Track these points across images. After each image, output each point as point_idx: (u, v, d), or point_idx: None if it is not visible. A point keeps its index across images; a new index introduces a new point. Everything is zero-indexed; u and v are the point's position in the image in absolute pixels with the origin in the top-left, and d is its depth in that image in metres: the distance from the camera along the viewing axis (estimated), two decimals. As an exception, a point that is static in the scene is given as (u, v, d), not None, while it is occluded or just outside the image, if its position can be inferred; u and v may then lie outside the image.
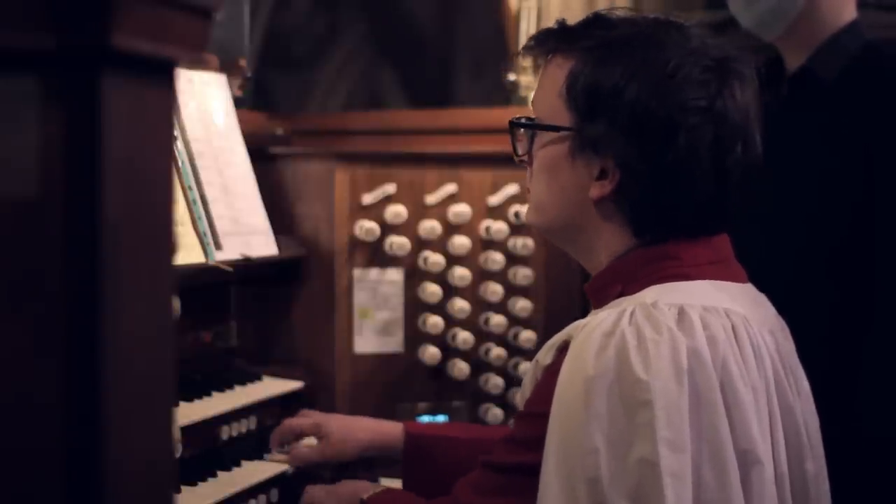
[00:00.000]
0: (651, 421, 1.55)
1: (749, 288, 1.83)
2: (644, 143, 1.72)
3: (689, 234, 1.77)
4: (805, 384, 1.85)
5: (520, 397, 1.84)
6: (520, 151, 1.88)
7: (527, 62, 1.92)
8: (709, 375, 1.60)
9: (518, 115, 1.90)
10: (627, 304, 1.66)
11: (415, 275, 2.85)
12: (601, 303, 1.78)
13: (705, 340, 1.62)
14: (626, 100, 1.71)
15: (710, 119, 1.72)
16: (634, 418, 1.56)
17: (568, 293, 2.99)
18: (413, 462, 2.21)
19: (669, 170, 1.72)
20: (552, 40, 1.84)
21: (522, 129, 1.88)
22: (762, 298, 1.87)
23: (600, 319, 1.64)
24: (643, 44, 1.74)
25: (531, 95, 1.92)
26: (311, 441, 2.36)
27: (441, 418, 2.86)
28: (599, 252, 1.81)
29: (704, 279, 1.73)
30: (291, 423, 2.36)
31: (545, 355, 1.74)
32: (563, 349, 1.68)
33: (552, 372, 1.68)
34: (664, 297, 1.66)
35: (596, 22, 1.81)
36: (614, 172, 1.74)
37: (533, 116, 1.87)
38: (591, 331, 1.63)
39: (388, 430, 2.26)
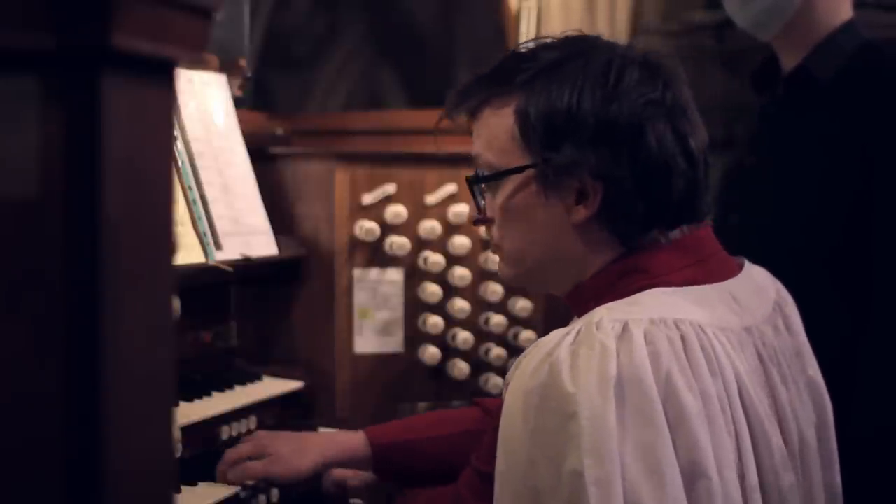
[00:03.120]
0: (578, 432, 1.55)
1: (728, 285, 1.79)
2: (617, 150, 1.71)
3: (670, 226, 1.76)
4: (811, 373, 1.84)
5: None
6: (483, 210, 1.85)
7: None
8: (646, 390, 1.58)
9: (469, 175, 1.86)
10: (580, 322, 1.66)
11: (415, 275, 2.85)
12: (579, 315, 1.77)
13: (646, 354, 1.60)
14: (585, 115, 1.71)
15: (665, 111, 1.73)
16: (564, 431, 1.56)
17: (568, 293, 2.99)
18: (387, 473, 2.18)
19: (648, 167, 1.72)
20: (478, 91, 1.81)
21: (479, 186, 1.84)
22: (763, 282, 1.86)
23: (548, 339, 1.64)
24: (575, 60, 1.74)
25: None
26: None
27: (441, 418, 2.86)
28: (589, 275, 1.80)
29: (670, 287, 1.72)
30: (231, 453, 2.18)
31: (511, 373, 1.73)
32: None
33: None
34: (613, 313, 1.65)
35: (516, 58, 1.80)
36: (595, 188, 1.72)
37: (479, 170, 1.84)
38: (537, 350, 1.64)
39: (347, 441, 2.18)
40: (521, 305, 2.92)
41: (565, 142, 1.72)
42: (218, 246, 2.46)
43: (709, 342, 1.66)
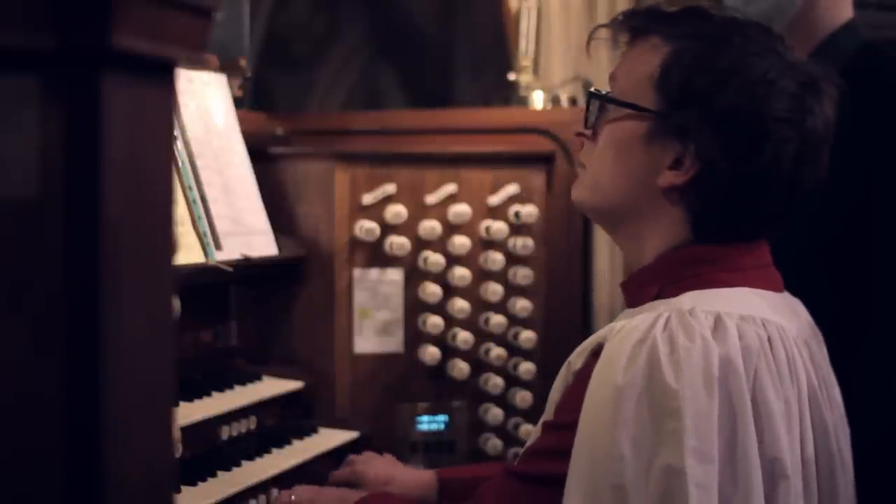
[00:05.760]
0: (679, 430, 1.53)
1: (786, 296, 1.81)
2: (731, 144, 1.69)
3: (741, 240, 1.75)
4: (836, 393, 1.82)
5: (549, 400, 1.78)
6: (590, 125, 1.82)
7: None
8: (740, 385, 1.58)
9: (597, 89, 1.83)
10: (664, 308, 1.64)
11: (415, 275, 2.85)
12: (636, 302, 1.75)
13: (739, 349, 1.60)
14: (721, 97, 1.69)
15: (799, 135, 1.71)
16: (662, 426, 1.54)
17: (568, 293, 2.99)
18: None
19: (750, 175, 1.70)
20: (647, 20, 1.79)
21: (592, 101, 1.81)
22: (798, 307, 1.85)
23: (634, 325, 1.62)
24: (744, 45, 1.72)
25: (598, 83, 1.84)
26: None
27: (441, 418, 2.86)
28: (648, 240, 1.77)
29: (744, 286, 1.72)
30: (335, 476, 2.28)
31: (577, 359, 1.70)
32: (596, 353, 1.65)
33: (581, 378, 1.65)
34: (702, 303, 1.64)
35: (695, 12, 1.78)
36: (692, 165, 1.71)
37: (609, 91, 1.81)
38: (623, 337, 1.61)
39: (424, 477, 2.19)
40: (521, 305, 2.92)
41: (692, 109, 1.70)
42: (218, 246, 2.46)
43: (790, 346, 1.67)
